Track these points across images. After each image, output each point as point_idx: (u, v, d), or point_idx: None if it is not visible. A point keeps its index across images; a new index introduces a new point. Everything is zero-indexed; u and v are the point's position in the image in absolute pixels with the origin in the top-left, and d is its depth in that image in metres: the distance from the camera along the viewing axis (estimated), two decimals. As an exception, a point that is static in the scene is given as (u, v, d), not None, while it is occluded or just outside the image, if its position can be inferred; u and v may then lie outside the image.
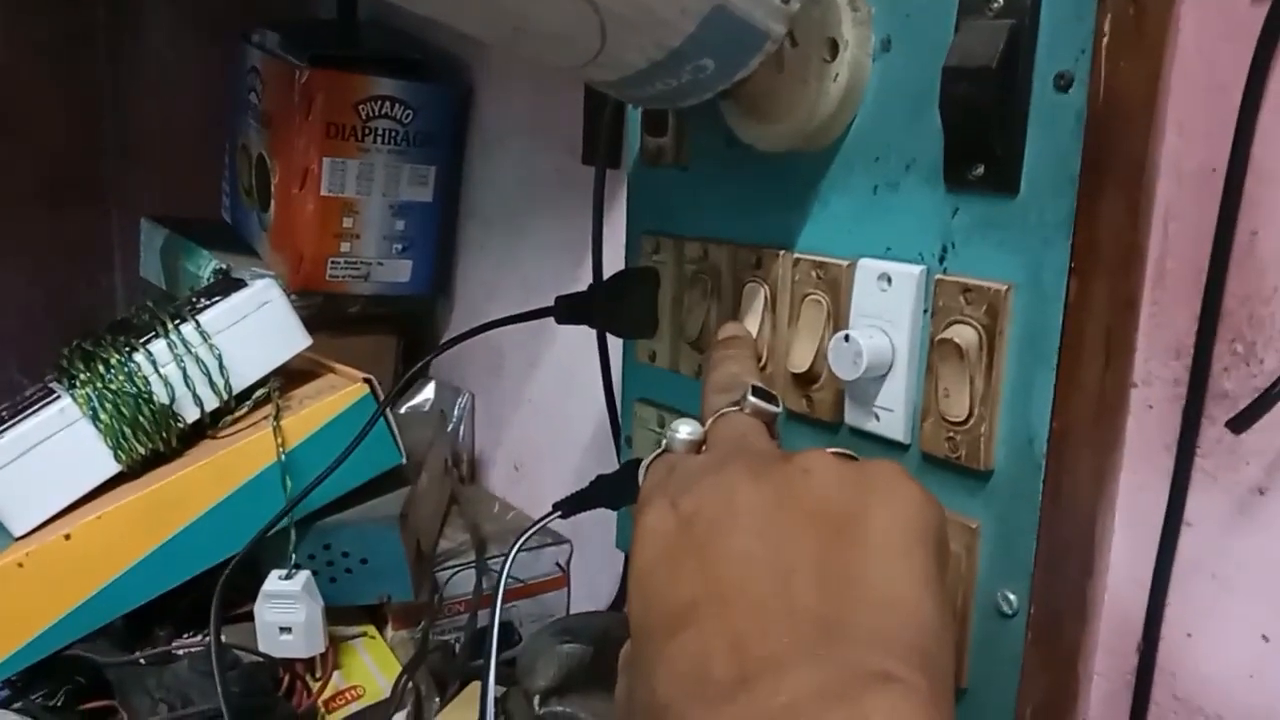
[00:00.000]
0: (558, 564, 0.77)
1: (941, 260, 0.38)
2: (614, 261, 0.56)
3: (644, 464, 0.31)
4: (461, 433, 0.89)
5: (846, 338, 0.39)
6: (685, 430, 0.31)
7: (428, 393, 0.89)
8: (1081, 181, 0.34)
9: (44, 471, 0.56)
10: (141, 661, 0.57)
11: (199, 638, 0.59)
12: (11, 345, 1.12)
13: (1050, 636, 0.38)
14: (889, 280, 0.40)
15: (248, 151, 0.85)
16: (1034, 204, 0.35)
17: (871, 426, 0.41)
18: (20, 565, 0.55)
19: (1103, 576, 0.40)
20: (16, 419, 0.56)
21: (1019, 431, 0.36)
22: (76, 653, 0.58)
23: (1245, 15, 0.34)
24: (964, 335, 0.37)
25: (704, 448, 0.31)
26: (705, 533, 0.25)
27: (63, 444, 0.56)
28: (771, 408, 0.33)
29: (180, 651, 0.58)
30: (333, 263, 0.80)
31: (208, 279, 0.80)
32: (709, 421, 0.32)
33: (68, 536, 0.56)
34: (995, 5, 0.35)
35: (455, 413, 0.88)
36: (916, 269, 0.39)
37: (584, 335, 0.62)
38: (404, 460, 0.66)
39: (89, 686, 0.60)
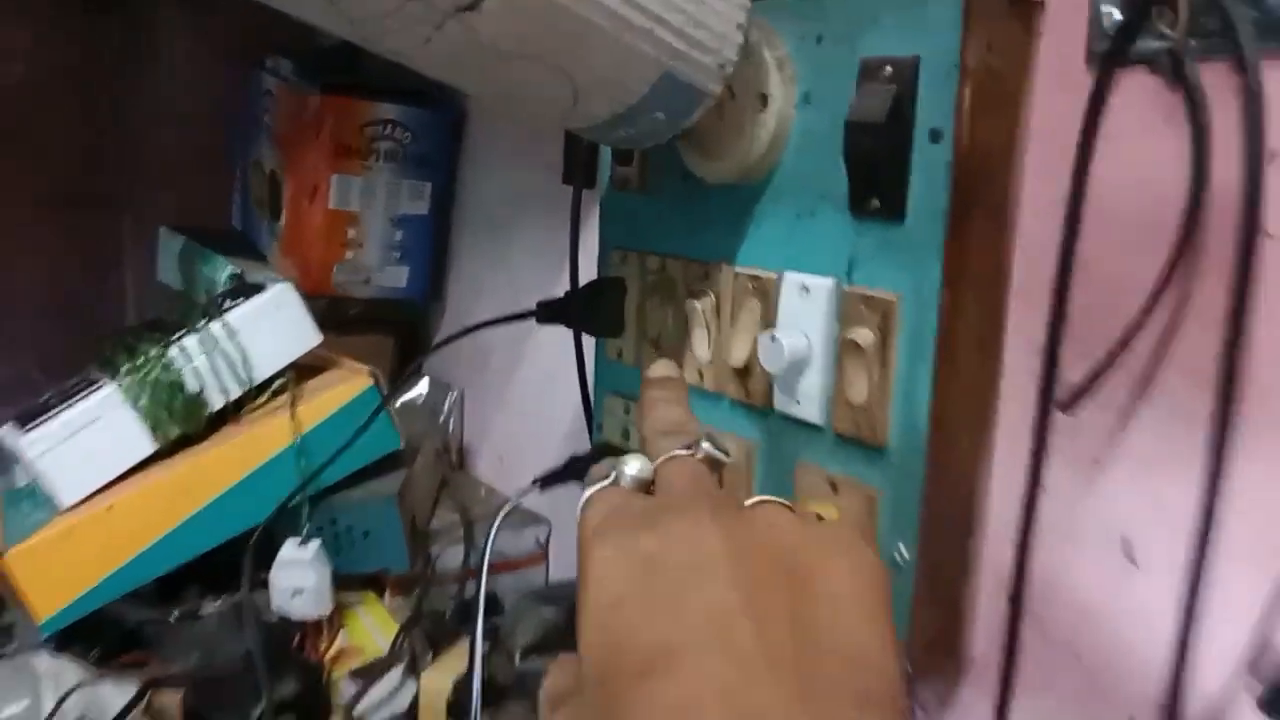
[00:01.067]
0: (537, 541, 0.85)
1: (849, 274, 0.47)
2: (588, 270, 0.65)
3: (586, 494, 0.30)
4: (451, 425, 0.97)
5: (773, 338, 0.48)
6: (635, 467, 0.31)
7: (421, 388, 0.98)
8: (950, 214, 0.42)
9: (89, 451, 0.64)
10: (174, 619, 0.65)
11: (220, 601, 0.67)
12: (30, 344, 1.20)
13: (936, 585, 0.47)
14: (808, 290, 0.48)
15: (261, 167, 0.93)
16: (916, 230, 0.44)
17: (794, 411, 0.50)
18: (69, 533, 0.64)
19: (981, 535, 0.49)
20: (65, 405, 0.64)
21: (906, 414, 0.45)
22: (114, 612, 0.66)
23: (1081, 77, 0.43)
24: (864, 336, 0.46)
25: (652, 487, 0.31)
26: (676, 577, 0.25)
27: (106, 427, 0.65)
28: (724, 458, 0.33)
29: (206, 612, 0.66)
30: (338, 269, 0.88)
31: (223, 283, 0.88)
32: (659, 461, 0.31)
33: (110, 508, 0.64)
34: (886, 73, 0.44)
35: (445, 407, 0.96)
36: (829, 281, 0.47)
37: (562, 337, 0.71)
38: (402, 445, 0.74)
39: (119, 643, 0.68)
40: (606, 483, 0.31)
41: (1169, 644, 0.40)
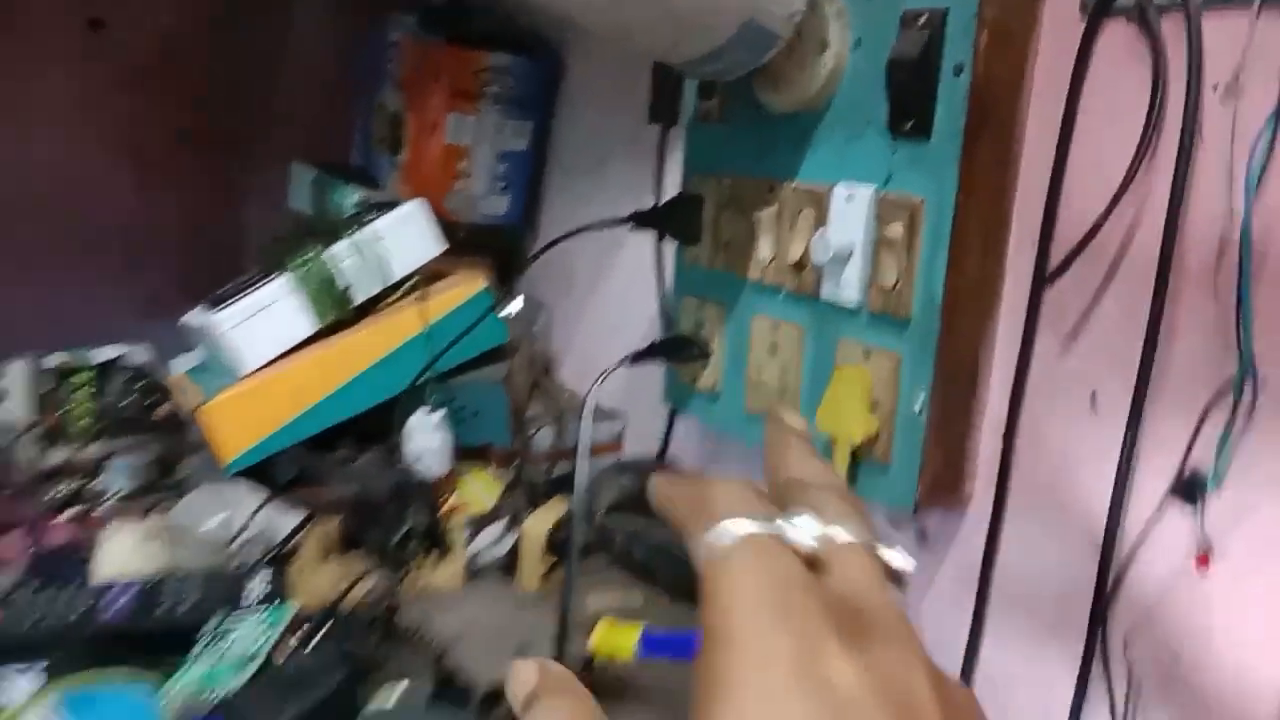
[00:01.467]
0: (614, 434, 0.99)
1: (886, 184, 0.60)
2: (670, 193, 0.78)
3: (732, 532, 0.23)
4: (539, 338, 1.12)
5: (822, 234, 0.61)
6: (813, 531, 0.24)
7: (515, 305, 1.12)
8: (966, 134, 0.55)
9: (264, 329, 0.80)
10: (334, 461, 0.80)
11: (368, 452, 0.82)
12: (164, 266, 1.37)
13: (944, 431, 0.60)
14: (853, 198, 0.61)
15: (384, 108, 1.07)
16: (939, 147, 0.56)
17: (838, 297, 0.62)
18: (251, 392, 0.79)
19: (984, 394, 0.61)
20: (247, 290, 0.80)
21: (925, 294, 0.57)
22: (280, 461, 0.82)
23: (1075, 26, 0.54)
24: (894, 231, 0.58)
25: (819, 565, 0.24)
26: None
27: (280, 309, 0.80)
28: (901, 584, 0.26)
29: (358, 459, 0.81)
30: (449, 197, 1.03)
31: (350, 208, 1.03)
32: (835, 545, 0.24)
33: (282, 374, 0.80)
34: (921, 21, 0.56)
35: (538, 322, 1.11)
36: (870, 189, 0.60)
37: (640, 259, 0.83)
38: (507, 339, 0.89)
39: (282, 489, 0.84)
40: (765, 528, 0.23)
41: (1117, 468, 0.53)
